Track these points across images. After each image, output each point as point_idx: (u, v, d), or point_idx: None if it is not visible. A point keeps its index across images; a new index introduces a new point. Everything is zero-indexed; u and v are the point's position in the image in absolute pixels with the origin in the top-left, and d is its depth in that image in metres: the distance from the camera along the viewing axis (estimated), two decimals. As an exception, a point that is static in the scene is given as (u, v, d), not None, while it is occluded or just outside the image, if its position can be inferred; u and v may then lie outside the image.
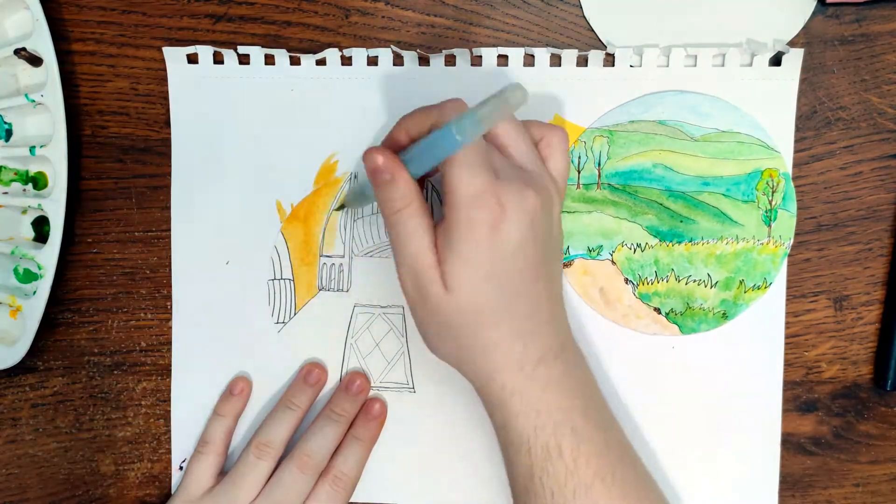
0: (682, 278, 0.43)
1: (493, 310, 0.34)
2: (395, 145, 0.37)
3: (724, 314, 0.43)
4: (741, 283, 0.43)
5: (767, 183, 0.42)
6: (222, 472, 0.44)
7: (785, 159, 0.42)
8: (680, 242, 0.43)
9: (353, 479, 0.43)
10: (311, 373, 0.44)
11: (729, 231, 0.43)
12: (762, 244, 0.43)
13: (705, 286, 0.43)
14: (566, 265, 0.44)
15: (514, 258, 0.34)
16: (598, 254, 0.43)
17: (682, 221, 0.43)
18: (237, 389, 0.45)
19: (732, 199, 0.42)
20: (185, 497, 0.43)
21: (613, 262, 0.43)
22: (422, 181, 0.40)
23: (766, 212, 0.42)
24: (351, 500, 0.44)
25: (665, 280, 0.43)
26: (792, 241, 0.43)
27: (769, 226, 0.42)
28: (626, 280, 0.43)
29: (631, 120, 0.43)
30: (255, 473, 0.42)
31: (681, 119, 0.42)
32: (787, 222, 0.43)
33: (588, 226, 0.43)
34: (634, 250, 0.43)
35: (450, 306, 0.34)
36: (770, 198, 0.42)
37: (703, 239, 0.43)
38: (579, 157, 0.43)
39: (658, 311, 0.43)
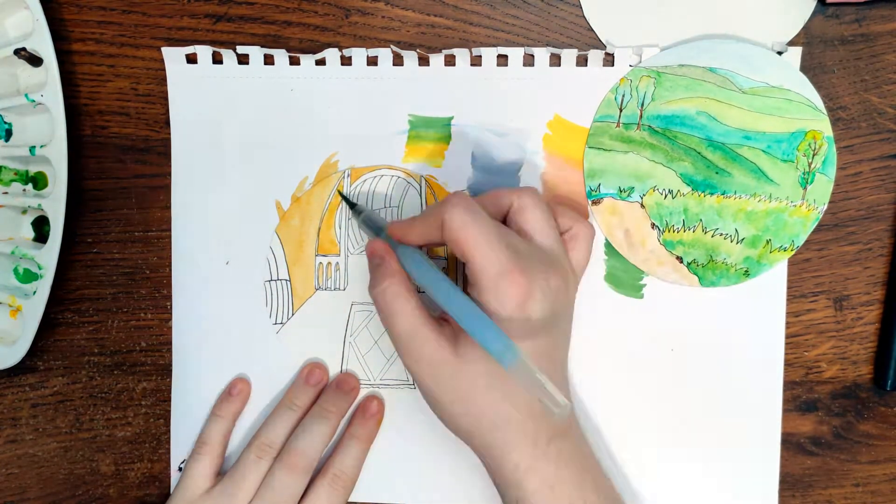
0: (709, 230, 0.43)
1: (507, 382, 0.35)
2: (403, 238, 0.38)
3: (746, 272, 0.43)
4: (768, 242, 0.42)
5: (809, 144, 0.41)
6: (220, 473, 0.44)
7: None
8: (712, 194, 0.42)
9: (351, 478, 0.43)
10: (312, 373, 0.44)
11: (763, 189, 0.42)
12: (795, 206, 0.42)
13: (731, 241, 0.42)
14: (596, 203, 0.43)
15: (534, 334, 0.34)
16: (628, 195, 0.43)
17: (717, 173, 0.42)
18: (235, 390, 0.45)
19: (772, 156, 0.42)
20: (184, 498, 0.43)
21: (643, 206, 0.43)
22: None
23: (804, 173, 0.42)
24: (350, 500, 0.44)
25: (692, 230, 0.43)
26: (826, 206, 0.42)
27: (805, 188, 0.42)
28: (653, 225, 0.43)
29: (681, 63, 0.42)
30: (256, 474, 0.42)
31: (731, 69, 0.42)
32: (823, 187, 0.42)
33: (623, 166, 0.43)
34: (665, 196, 0.43)
35: (460, 372, 0.35)
36: (810, 160, 0.41)
37: (735, 193, 0.42)
38: (623, 96, 0.42)
39: (680, 259, 0.43)
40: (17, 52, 0.43)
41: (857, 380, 0.44)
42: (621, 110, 0.43)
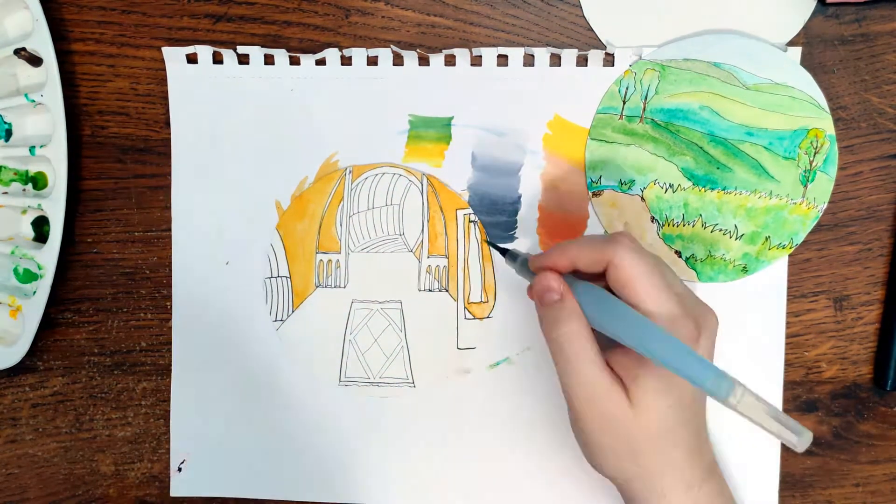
0: (708, 225, 0.43)
1: (675, 429, 0.34)
2: (552, 266, 0.35)
3: (744, 268, 0.43)
4: (767, 239, 0.42)
5: (811, 142, 0.41)
6: None
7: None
8: (713, 189, 0.42)
9: None
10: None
11: (764, 185, 0.42)
12: (795, 204, 0.42)
13: (730, 237, 0.43)
14: (596, 195, 0.43)
15: None
16: (629, 188, 0.43)
17: (718, 168, 0.42)
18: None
19: (773, 153, 0.42)
20: None
21: (643, 199, 0.43)
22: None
23: (805, 171, 0.42)
24: (350, 501, 0.44)
25: (691, 224, 0.43)
26: (826, 205, 0.42)
27: (805, 186, 0.42)
28: (653, 218, 0.43)
29: (686, 57, 0.42)
30: None
31: (736, 64, 0.42)
32: (824, 185, 0.42)
33: (624, 158, 0.43)
34: (666, 190, 0.43)
35: (635, 427, 0.34)
36: (811, 158, 0.42)
37: (736, 189, 0.42)
38: (626, 88, 0.42)
39: (679, 254, 0.43)
40: (17, 52, 0.43)
41: (857, 380, 0.44)
42: (624, 102, 0.43)
